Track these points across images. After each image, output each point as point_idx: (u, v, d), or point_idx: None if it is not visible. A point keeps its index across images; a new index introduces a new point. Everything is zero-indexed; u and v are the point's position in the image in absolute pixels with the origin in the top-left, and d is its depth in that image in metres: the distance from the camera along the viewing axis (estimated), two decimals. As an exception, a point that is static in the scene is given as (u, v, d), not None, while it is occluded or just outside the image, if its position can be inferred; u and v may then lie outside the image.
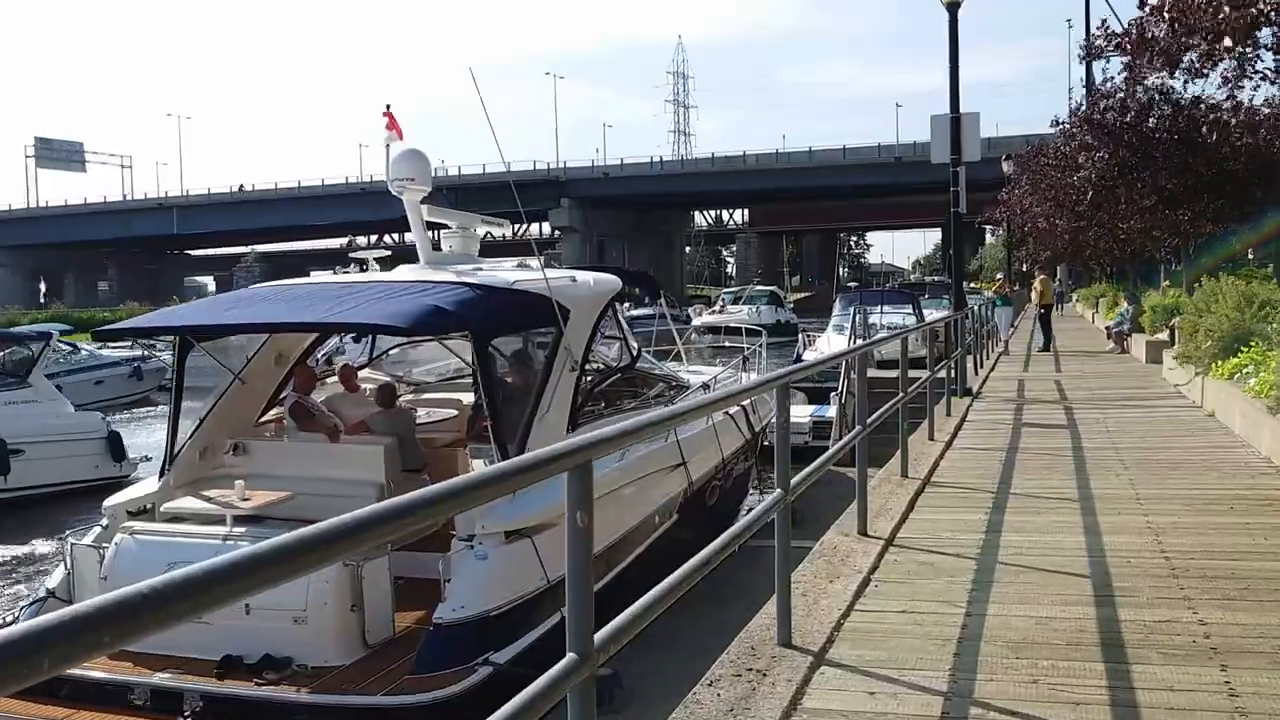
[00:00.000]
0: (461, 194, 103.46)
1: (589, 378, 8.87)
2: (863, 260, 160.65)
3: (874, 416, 6.60)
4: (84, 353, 30.17)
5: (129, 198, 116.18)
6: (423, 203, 9.26)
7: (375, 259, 10.44)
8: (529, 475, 2.56)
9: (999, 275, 29.08)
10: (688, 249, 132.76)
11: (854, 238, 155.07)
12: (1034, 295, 25.05)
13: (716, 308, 48.62)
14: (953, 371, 12.53)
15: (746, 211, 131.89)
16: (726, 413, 10.49)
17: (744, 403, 11.71)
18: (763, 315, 43.55)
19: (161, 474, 8.37)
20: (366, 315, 7.21)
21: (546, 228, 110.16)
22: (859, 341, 19.07)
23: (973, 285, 73.77)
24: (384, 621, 6.98)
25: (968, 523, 6.30)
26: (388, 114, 8.56)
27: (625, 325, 10.13)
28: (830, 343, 26.37)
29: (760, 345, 14.79)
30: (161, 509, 7.91)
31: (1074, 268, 46.74)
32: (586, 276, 9.67)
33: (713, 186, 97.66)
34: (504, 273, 8.91)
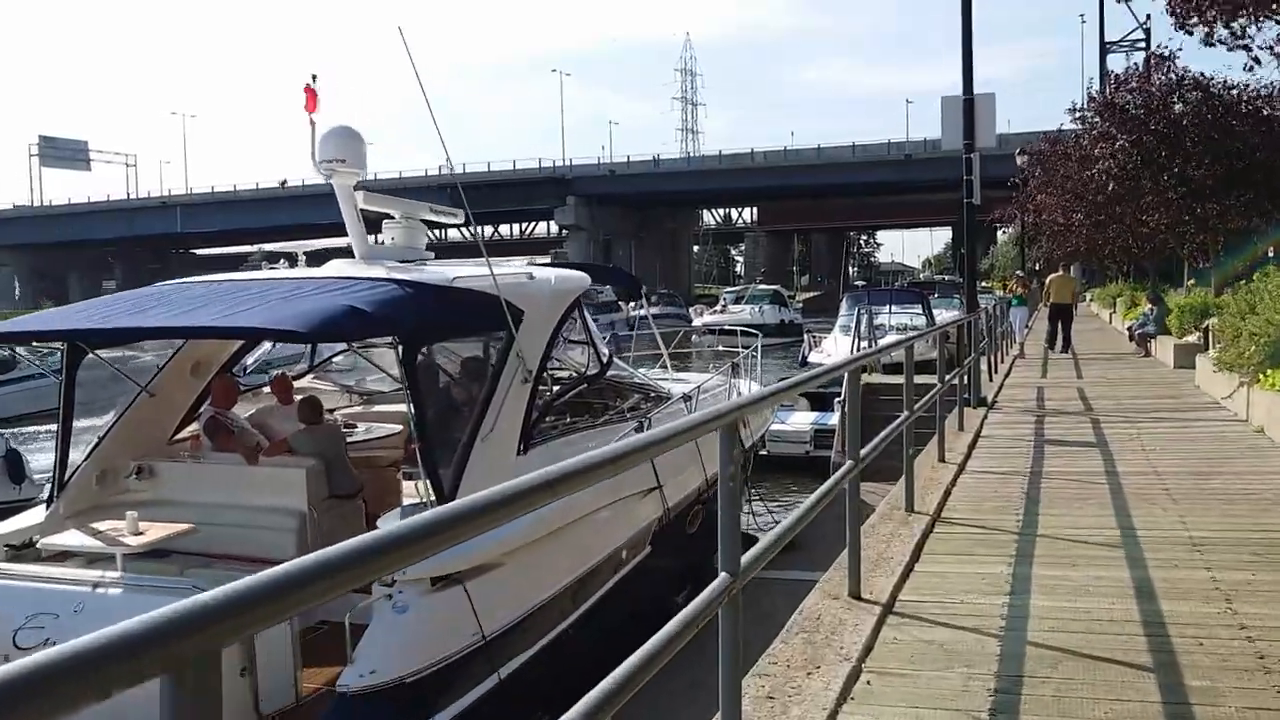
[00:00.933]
0: (467, 191, 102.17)
1: (547, 389, 7.70)
2: (873, 259, 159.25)
3: (870, 446, 5.36)
4: (23, 360, 28.76)
5: (132, 196, 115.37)
6: (357, 189, 8.09)
7: (304, 253, 9.26)
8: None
9: (1018, 273, 27.61)
10: (696, 248, 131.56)
11: (864, 236, 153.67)
12: (1047, 293, 23.79)
13: (718, 307, 47.28)
14: (965, 379, 11.31)
15: (755, 210, 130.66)
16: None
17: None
18: (766, 315, 42.21)
19: (50, 502, 7.22)
20: (259, 319, 5.98)
21: (553, 227, 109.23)
22: (863, 346, 17.83)
23: (984, 284, 72.50)
24: (283, 686, 5.78)
25: (987, 578, 5.06)
26: (308, 89, 7.39)
27: (593, 328, 8.94)
28: (837, 344, 25.17)
29: (755, 348, 13.59)
30: (41, 544, 6.76)
31: (1089, 266, 45.39)
32: (547, 273, 8.48)
33: (720, 184, 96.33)
34: (447, 268, 7.73)
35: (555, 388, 8.01)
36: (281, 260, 10.84)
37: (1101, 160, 20.26)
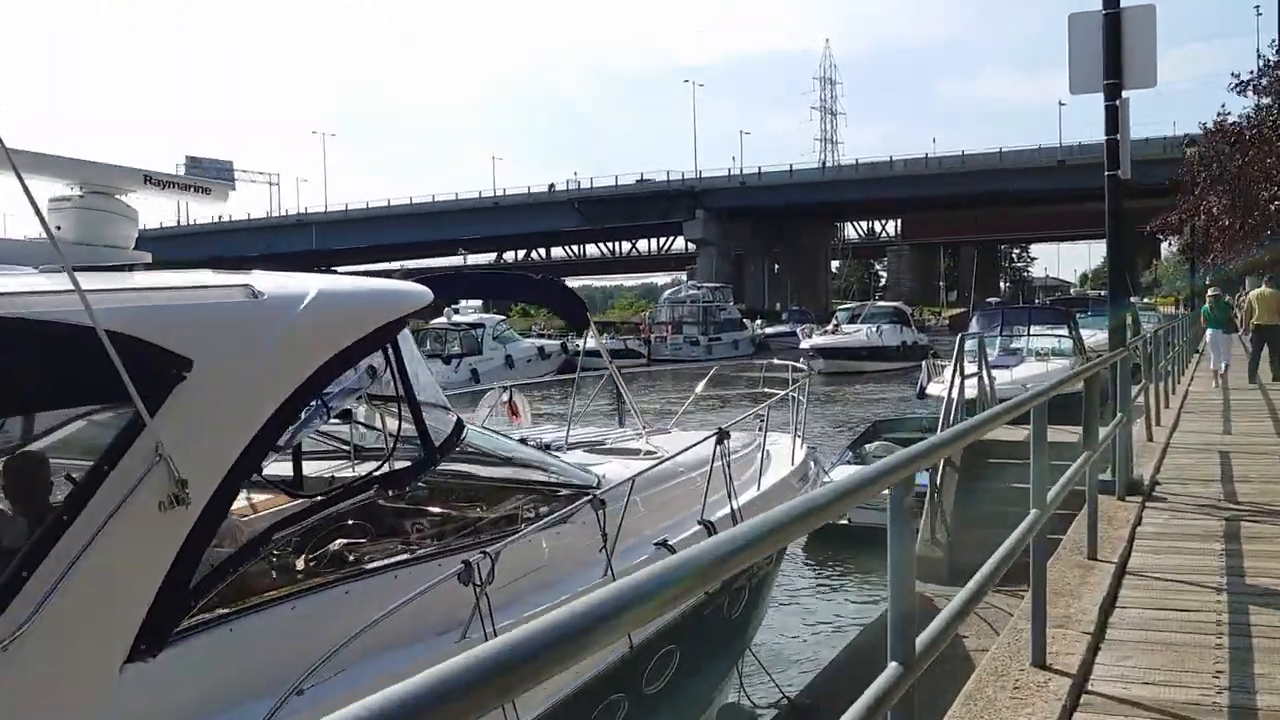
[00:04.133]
0: (592, 206, 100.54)
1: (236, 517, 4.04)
2: (1026, 274, 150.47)
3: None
4: None
5: (270, 214, 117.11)
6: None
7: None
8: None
9: (1212, 289, 21.73)
10: (835, 262, 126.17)
11: (1016, 250, 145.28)
12: (1249, 312, 18.72)
13: (829, 327, 42.32)
14: (1113, 451, 7.13)
15: (899, 222, 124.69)
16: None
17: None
18: (885, 336, 37.25)
19: None
20: None
21: (673, 242, 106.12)
22: (974, 386, 13.52)
23: (1145, 300, 65.54)
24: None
25: None
26: None
27: (423, 379, 5.17)
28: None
29: (801, 386, 9.67)
30: None
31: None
32: (310, 285, 4.70)
33: (858, 195, 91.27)
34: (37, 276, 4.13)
35: (307, 503, 4.38)
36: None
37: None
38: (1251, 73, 22.65)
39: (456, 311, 45.02)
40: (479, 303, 53.12)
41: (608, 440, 7.48)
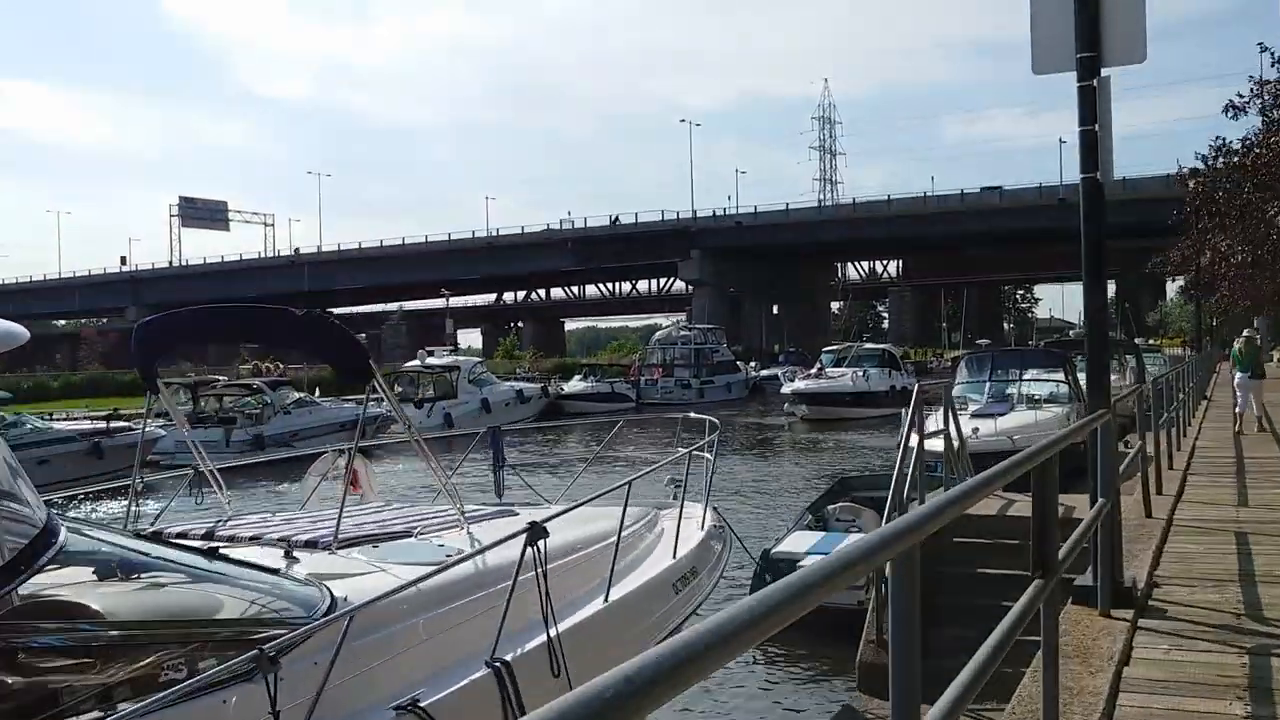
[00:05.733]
0: (588, 246, 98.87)
1: None
2: (1030, 315, 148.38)
3: None
4: (27, 426, 25.22)
5: (262, 255, 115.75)
6: None
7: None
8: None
9: (1246, 331, 19.31)
10: (836, 304, 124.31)
11: (1020, 290, 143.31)
12: None
13: (813, 371, 40.09)
14: (1095, 543, 5.22)
15: (900, 263, 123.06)
16: None
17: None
18: (872, 381, 35.11)
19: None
20: None
21: (674, 282, 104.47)
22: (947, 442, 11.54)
23: (1151, 342, 63.47)
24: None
25: None
26: None
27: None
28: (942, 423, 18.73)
29: (710, 443, 7.80)
30: None
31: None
32: None
33: (855, 234, 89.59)
34: None
35: None
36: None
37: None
38: (1242, 96, 21.06)
39: (431, 354, 43.18)
40: (451, 346, 51.31)
41: (416, 530, 5.57)
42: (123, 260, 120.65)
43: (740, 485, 21.85)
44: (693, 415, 9.61)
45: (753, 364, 67.44)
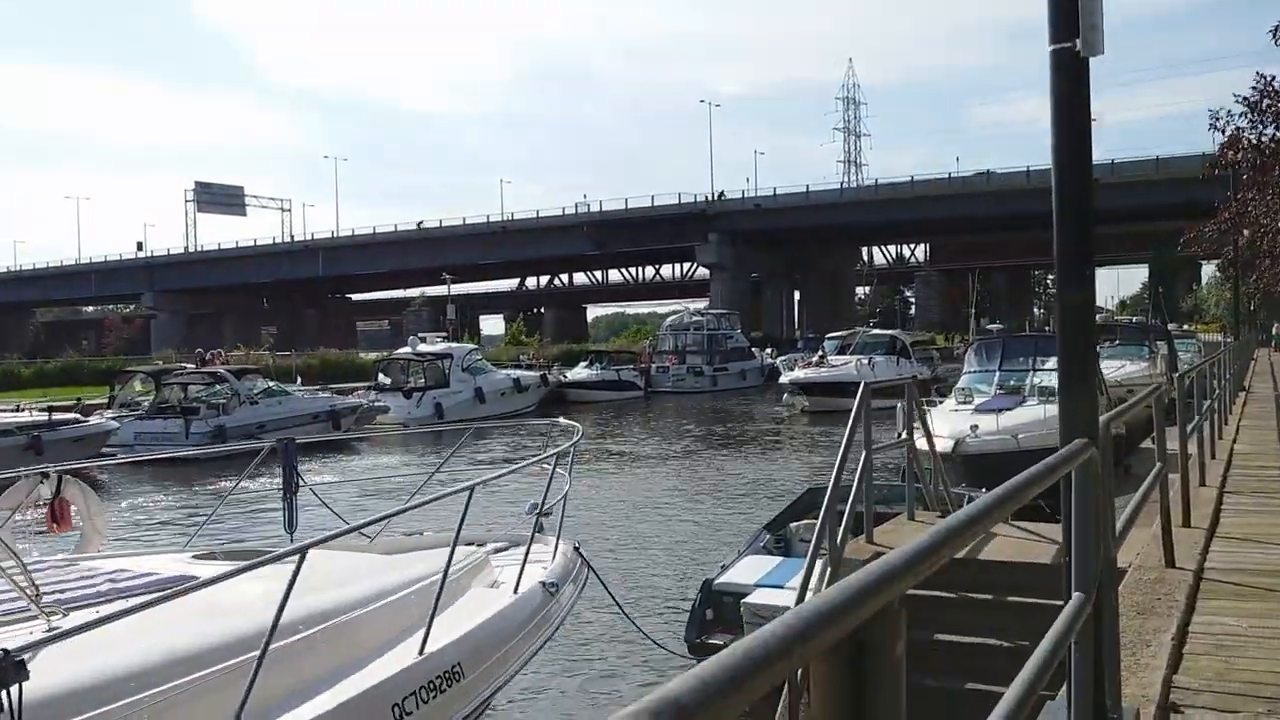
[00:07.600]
0: (603, 230, 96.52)
1: None
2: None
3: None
4: None
5: (276, 240, 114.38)
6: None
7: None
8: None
9: None
10: (860, 289, 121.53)
11: (1051, 275, 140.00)
12: None
13: (815, 358, 37.65)
14: (1068, 666, 3.19)
15: (928, 247, 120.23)
16: None
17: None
18: (878, 369, 32.69)
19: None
20: None
21: (698, 268, 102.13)
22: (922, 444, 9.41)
23: (1185, 327, 60.67)
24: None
25: None
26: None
27: None
28: (948, 419, 16.63)
29: (568, 451, 5.86)
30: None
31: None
32: None
33: (878, 217, 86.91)
34: None
35: None
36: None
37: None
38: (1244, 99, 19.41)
39: (423, 340, 41.35)
40: (445, 331, 49.38)
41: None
42: (139, 246, 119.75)
43: (709, 488, 19.72)
44: (561, 421, 7.67)
45: (769, 350, 65.21)
